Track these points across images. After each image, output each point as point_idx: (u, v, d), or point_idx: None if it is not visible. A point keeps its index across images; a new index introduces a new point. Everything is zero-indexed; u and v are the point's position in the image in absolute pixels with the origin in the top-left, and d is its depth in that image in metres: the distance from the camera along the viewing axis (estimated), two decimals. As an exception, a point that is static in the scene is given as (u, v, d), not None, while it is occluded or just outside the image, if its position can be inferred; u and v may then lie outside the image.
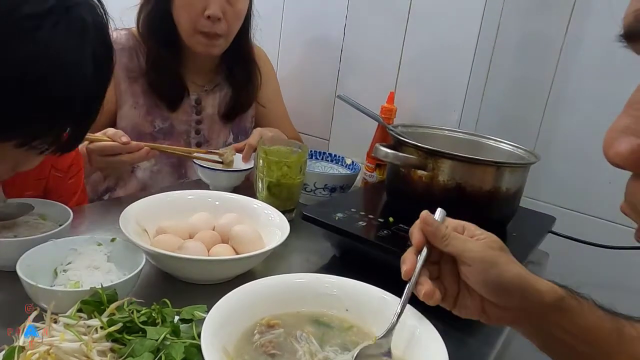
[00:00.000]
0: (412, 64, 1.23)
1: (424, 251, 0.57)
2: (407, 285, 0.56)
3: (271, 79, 1.40)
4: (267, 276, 0.82)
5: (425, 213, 0.57)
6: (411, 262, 0.57)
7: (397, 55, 1.24)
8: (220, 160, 1.13)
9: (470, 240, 0.56)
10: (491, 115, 1.21)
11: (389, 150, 0.86)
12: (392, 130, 0.93)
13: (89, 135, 0.97)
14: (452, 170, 0.83)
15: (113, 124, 1.18)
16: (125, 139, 0.99)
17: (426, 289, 0.54)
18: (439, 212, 0.61)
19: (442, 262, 0.58)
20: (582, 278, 0.78)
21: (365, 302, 0.63)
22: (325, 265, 0.90)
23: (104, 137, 0.99)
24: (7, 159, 0.66)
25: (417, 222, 0.58)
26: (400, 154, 0.86)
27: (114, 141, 0.98)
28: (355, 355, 0.54)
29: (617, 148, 0.28)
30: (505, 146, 1.00)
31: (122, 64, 1.18)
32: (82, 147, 1.00)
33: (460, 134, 1.06)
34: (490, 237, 0.57)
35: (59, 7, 0.58)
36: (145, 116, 1.21)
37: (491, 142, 1.02)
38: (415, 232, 0.58)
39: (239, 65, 1.29)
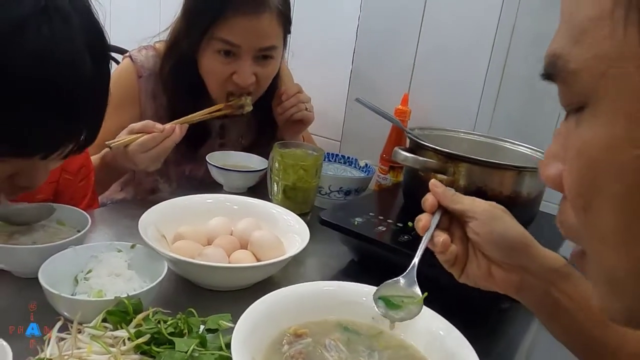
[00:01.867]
0: (426, 66, 1.22)
1: (438, 212, 0.60)
2: (423, 237, 0.59)
3: (287, 80, 1.38)
4: (285, 282, 0.82)
5: (433, 180, 0.62)
6: (426, 219, 0.60)
7: (410, 56, 1.23)
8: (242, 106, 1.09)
9: (477, 199, 0.60)
10: (505, 117, 1.20)
11: (408, 154, 0.84)
12: (410, 133, 0.92)
13: (118, 141, 0.93)
14: (473, 174, 0.82)
15: None
16: (159, 126, 0.95)
17: (443, 238, 0.58)
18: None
19: (451, 228, 0.61)
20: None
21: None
22: (343, 269, 0.89)
23: (132, 136, 0.94)
24: (39, 167, 0.66)
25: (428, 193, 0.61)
26: (420, 157, 0.85)
27: (147, 133, 0.94)
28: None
29: (548, 172, 0.31)
30: (523, 149, 0.99)
31: (149, 90, 1.11)
32: (108, 153, 0.98)
33: (476, 136, 1.05)
34: (496, 204, 0.60)
35: (35, 8, 0.54)
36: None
37: (508, 145, 1.01)
38: (429, 197, 0.61)
39: (262, 115, 1.21)
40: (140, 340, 0.51)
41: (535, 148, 0.97)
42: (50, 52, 0.55)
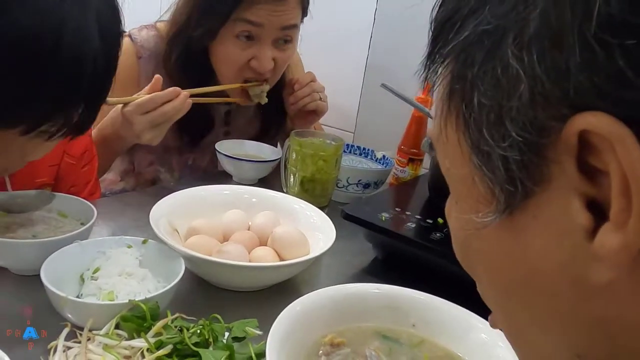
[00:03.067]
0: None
1: None
2: None
3: (297, 69, 1.31)
4: (306, 282, 0.76)
5: None
6: None
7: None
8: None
9: None
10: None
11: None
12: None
13: (117, 99, 0.87)
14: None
15: None
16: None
17: None
18: None
19: None
20: None
21: (435, 316, 0.56)
22: (365, 268, 0.83)
23: (132, 97, 0.88)
24: (13, 148, 0.57)
25: None
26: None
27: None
28: None
29: None
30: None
31: (150, 72, 1.01)
32: (106, 125, 0.92)
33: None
34: None
35: None
36: (173, 130, 1.05)
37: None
38: None
39: (273, 90, 1.12)
40: (162, 352, 0.44)
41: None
42: (52, 13, 0.48)
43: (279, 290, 0.70)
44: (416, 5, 1.30)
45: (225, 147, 1.06)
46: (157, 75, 0.90)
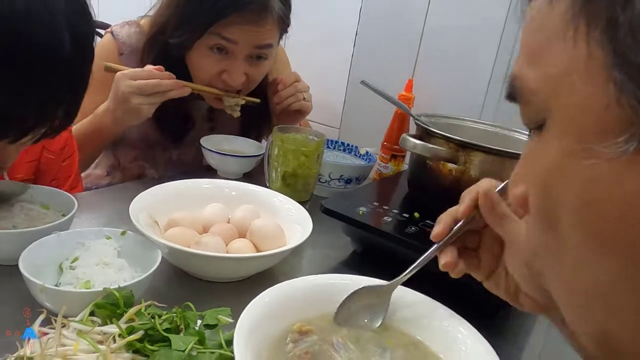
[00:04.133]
0: (432, 51, 1.17)
1: (463, 222, 0.50)
2: (432, 248, 0.52)
3: (284, 68, 1.32)
4: (284, 273, 0.78)
5: (487, 183, 0.49)
6: (446, 225, 0.51)
7: (416, 40, 1.18)
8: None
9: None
10: (515, 106, 1.16)
11: (417, 142, 0.80)
12: (419, 120, 0.87)
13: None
14: (486, 164, 0.78)
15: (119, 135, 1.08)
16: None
17: (447, 260, 0.50)
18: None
19: (484, 234, 0.51)
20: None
21: (404, 306, 0.58)
22: (344, 261, 0.85)
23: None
24: (7, 151, 0.60)
25: (474, 187, 0.51)
26: (430, 145, 0.80)
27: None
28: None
29: (514, 192, 0.31)
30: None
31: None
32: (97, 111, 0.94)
33: (484, 125, 1.01)
34: None
35: None
36: (155, 124, 1.09)
37: (517, 135, 0.97)
38: (467, 199, 0.50)
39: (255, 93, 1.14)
40: (133, 337, 0.46)
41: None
42: (22, 25, 0.49)
43: (257, 282, 0.72)
44: (401, 4, 1.33)
45: (212, 142, 1.08)
46: (159, 66, 0.92)
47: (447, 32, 1.15)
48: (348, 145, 1.18)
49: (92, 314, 0.51)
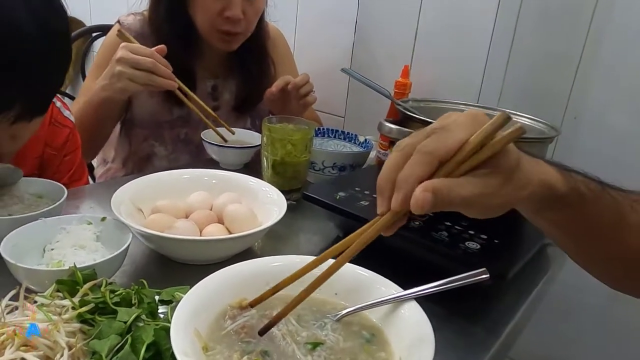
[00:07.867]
0: (429, 37, 1.16)
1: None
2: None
3: (287, 58, 1.35)
4: (266, 257, 0.80)
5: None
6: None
7: (412, 27, 1.18)
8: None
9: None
10: (516, 89, 1.13)
11: (392, 126, 0.81)
12: (399, 104, 0.88)
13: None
14: (461, 146, 0.77)
15: (126, 113, 1.19)
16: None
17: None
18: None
19: None
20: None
21: (355, 286, 0.60)
22: (327, 246, 0.85)
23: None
24: None
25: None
26: (405, 129, 0.81)
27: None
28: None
29: None
30: (525, 120, 0.93)
31: None
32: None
33: (477, 108, 1.00)
34: None
35: None
36: (163, 104, 1.19)
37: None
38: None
39: (252, 59, 1.24)
40: (83, 309, 0.50)
41: (538, 118, 0.91)
42: None
43: (232, 264, 0.75)
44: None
45: (213, 134, 1.12)
46: (162, 45, 1.00)
47: (443, 20, 1.13)
48: (349, 133, 1.19)
49: (59, 290, 0.56)
